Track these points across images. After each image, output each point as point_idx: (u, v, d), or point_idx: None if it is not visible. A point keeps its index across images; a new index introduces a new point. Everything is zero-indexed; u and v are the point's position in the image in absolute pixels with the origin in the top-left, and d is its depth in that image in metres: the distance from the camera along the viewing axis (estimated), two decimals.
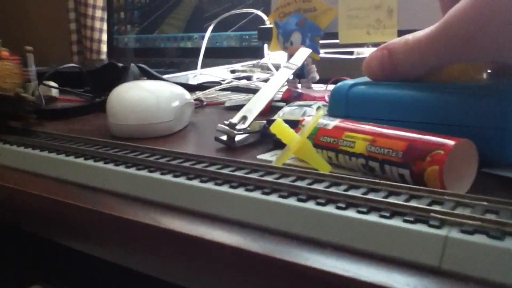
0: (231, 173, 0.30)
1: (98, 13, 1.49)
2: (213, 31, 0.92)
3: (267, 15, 0.80)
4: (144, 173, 0.33)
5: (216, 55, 1.12)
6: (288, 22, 0.66)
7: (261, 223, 0.27)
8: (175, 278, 0.29)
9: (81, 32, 1.54)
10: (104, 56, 1.49)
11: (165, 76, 0.80)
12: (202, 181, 0.30)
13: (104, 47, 1.49)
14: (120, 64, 0.74)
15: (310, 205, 0.26)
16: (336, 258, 0.23)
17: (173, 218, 0.29)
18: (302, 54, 0.53)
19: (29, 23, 1.75)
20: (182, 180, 0.31)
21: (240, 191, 0.28)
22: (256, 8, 0.95)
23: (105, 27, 1.47)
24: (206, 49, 0.91)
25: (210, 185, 0.30)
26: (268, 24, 0.82)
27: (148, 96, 0.49)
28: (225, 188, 0.29)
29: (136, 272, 0.31)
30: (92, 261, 0.36)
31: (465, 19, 0.29)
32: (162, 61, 1.18)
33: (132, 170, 0.33)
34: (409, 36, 0.34)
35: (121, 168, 0.34)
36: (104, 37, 1.48)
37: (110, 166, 0.35)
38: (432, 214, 0.23)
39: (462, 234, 0.22)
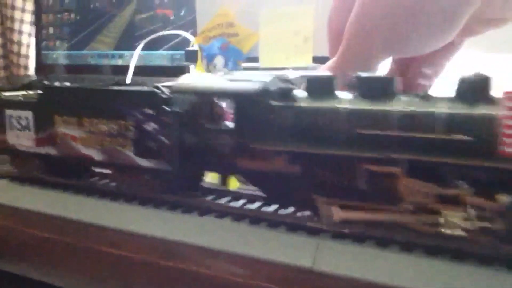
0: None
1: (26, 28, 1.46)
2: (145, 49, 0.93)
3: (195, 37, 0.83)
4: None
5: (147, 74, 1.14)
6: (212, 46, 0.70)
7: None
8: None
9: (7, 47, 1.49)
10: (31, 72, 1.45)
11: None
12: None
13: (31, 63, 1.45)
14: (45, 82, 0.74)
15: None
16: None
17: None
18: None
19: None
20: None
21: None
22: (186, 30, 0.98)
23: (33, 42, 1.43)
24: (138, 67, 0.92)
25: None
26: (194, 46, 0.85)
27: None
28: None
29: None
30: None
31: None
32: (91, 78, 1.17)
33: None
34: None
35: None
36: (32, 52, 1.44)
37: None
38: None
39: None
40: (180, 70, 1.13)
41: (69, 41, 1.33)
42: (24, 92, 0.46)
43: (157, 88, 0.37)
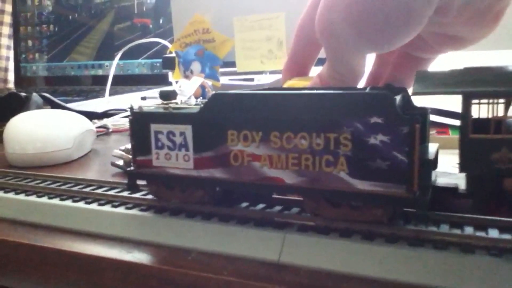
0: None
1: (4, 41, 1.45)
2: (124, 58, 0.94)
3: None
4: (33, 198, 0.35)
5: (127, 83, 1.14)
6: (188, 52, 0.71)
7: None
8: None
9: None
10: (11, 85, 1.45)
11: (72, 104, 0.81)
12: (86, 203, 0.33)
13: (11, 76, 1.45)
14: (22, 94, 0.74)
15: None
16: None
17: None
18: (194, 83, 0.57)
19: None
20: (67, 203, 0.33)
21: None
22: (165, 38, 0.99)
23: (11, 55, 1.43)
24: (118, 76, 0.93)
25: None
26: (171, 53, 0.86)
27: (44, 125, 0.51)
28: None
29: None
30: None
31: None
32: (72, 89, 1.17)
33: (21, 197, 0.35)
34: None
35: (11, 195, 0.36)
36: (11, 65, 1.44)
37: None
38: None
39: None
40: (160, 78, 1.14)
41: (48, 53, 1.33)
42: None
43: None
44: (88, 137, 0.56)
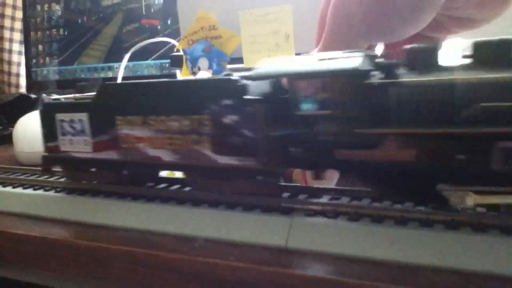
0: None
1: (16, 47, 1.47)
2: (133, 60, 0.94)
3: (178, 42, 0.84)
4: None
5: None
6: (195, 49, 0.71)
7: None
8: None
9: None
10: (23, 90, 1.46)
11: None
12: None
13: (22, 81, 1.46)
14: (32, 96, 0.75)
15: None
16: None
17: None
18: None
19: None
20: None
21: None
22: (173, 38, 0.99)
23: (23, 60, 1.45)
24: (127, 78, 0.93)
25: None
26: (178, 51, 0.86)
27: None
28: None
29: None
30: None
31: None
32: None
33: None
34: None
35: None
36: (23, 70, 1.45)
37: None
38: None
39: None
40: (172, 78, 1.14)
41: (59, 57, 1.34)
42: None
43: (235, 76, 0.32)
44: None
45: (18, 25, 1.47)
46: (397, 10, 0.30)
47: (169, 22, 1.18)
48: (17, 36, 1.47)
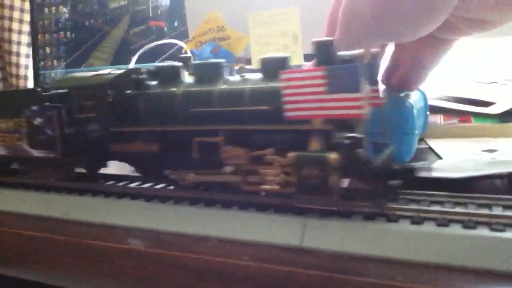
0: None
1: (24, 50, 1.48)
2: (140, 62, 0.94)
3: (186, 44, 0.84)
4: None
5: None
6: (203, 50, 0.71)
7: None
8: None
9: (6, 69, 1.51)
10: None
11: None
12: None
13: (30, 84, 1.47)
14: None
15: None
16: None
17: None
18: None
19: None
20: None
21: None
22: (180, 40, 0.99)
23: (30, 63, 1.45)
24: None
25: None
26: (186, 53, 0.86)
27: None
28: None
29: None
30: None
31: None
32: None
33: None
34: None
35: None
36: (30, 73, 1.46)
37: None
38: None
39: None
40: None
41: (66, 60, 1.34)
42: None
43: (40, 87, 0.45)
44: None
45: (26, 28, 1.48)
46: (409, 11, 0.29)
47: (176, 23, 1.19)
48: (25, 39, 1.48)
